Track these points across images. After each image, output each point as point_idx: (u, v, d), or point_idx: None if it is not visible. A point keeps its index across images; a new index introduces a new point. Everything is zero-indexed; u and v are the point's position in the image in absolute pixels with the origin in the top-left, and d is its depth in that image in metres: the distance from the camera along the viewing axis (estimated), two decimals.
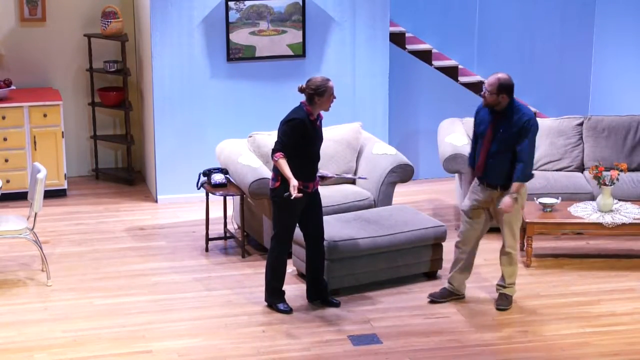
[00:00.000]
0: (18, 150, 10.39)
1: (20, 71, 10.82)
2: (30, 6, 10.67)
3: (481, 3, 11.60)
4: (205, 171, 9.27)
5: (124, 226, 9.87)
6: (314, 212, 7.99)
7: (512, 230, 8.01)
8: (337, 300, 8.20)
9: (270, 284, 8.08)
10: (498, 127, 7.81)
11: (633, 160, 10.05)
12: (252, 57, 10.34)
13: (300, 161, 7.80)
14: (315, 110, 7.79)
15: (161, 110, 10.30)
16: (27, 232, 8.48)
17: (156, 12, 10.07)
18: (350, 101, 10.68)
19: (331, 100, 7.79)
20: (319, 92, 7.72)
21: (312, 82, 7.76)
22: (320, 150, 7.95)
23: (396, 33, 11.05)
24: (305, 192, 7.83)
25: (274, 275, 8.04)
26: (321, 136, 7.93)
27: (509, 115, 7.78)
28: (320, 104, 7.76)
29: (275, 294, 8.10)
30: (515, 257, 8.09)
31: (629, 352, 7.47)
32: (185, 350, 7.44)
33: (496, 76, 7.76)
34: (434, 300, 8.25)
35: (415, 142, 11.24)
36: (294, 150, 7.76)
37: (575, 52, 11.87)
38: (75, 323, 7.85)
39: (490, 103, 7.79)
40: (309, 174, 7.88)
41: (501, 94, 7.73)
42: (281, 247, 7.98)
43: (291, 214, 7.89)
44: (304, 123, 7.74)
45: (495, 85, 7.72)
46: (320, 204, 8.06)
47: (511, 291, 8.20)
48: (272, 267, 8.02)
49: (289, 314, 8.02)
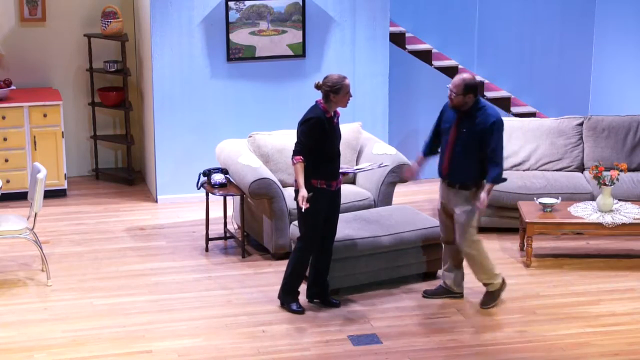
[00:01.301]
0: (18, 150, 10.39)
1: (20, 71, 10.83)
2: (30, 6, 10.67)
3: (481, 3, 11.60)
4: (205, 171, 9.27)
5: (124, 226, 9.87)
6: (332, 212, 7.96)
7: (465, 230, 7.94)
8: (337, 300, 8.20)
9: (288, 284, 8.05)
10: (461, 127, 7.82)
11: (633, 160, 10.05)
12: (252, 57, 10.34)
13: (321, 160, 7.77)
14: (331, 107, 7.78)
15: (161, 110, 10.30)
16: (27, 232, 8.47)
17: (156, 12, 10.07)
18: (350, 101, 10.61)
19: (347, 98, 7.79)
20: (335, 89, 7.71)
21: (328, 79, 7.75)
22: (338, 149, 7.89)
23: (396, 33, 11.06)
24: (328, 192, 7.83)
25: (294, 276, 8.01)
26: (339, 133, 7.90)
27: (473, 115, 7.79)
28: (336, 101, 7.76)
29: (291, 294, 8.07)
30: (476, 257, 8.00)
31: (629, 352, 7.47)
32: (185, 350, 7.44)
33: (461, 77, 7.78)
34: (426, 295, 8.31)
35: (415, 142, 11.23)
36: (314, 149, 7.74)
37: (575, 52, 11.88)
38: (75, 323, 7.85)
39: (457, 104, 7.80)
40: (332, 172, 7.84)
41: (467, 95, 7.75)
42: (306, 248, 7.93)
43: (315, 214, 7.84)
44: (322, 121, 7.72)
45: (461, 87, 7.73)
46: (339, 205, 8.03)
47: (492, 287, 8.15)
48: (293, 267, 7.98)
49: (301, 314, 8.00)
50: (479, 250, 8.05)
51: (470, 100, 7.79)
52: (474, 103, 7.81)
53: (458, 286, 8.30)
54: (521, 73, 11.82)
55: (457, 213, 7.95)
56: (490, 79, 11.70)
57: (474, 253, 8.03)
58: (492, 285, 8.16)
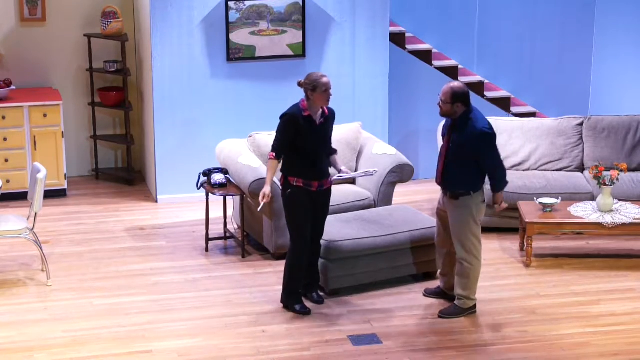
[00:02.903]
0: (18, 150, 10.39)
1: (20, 71, 10.83)
2: (30, 6, 10.67)
3: (481, 3, 11.60)
4: (205, 171, 9.27)
5: (124, 226, 9.87)
6: (318, 211, 7.97)
7: (461, 241, 7.86)
8: (320, 297, 8.19)
9: (288, 285, 8.05)
10: (453, 136, 7.79)
11: (633, 160, 10.05)
12: (252, 57, 10.34)
13: (297, 157, 7.79)
14: (311, 106, 7.78)
15: (161, 110, 10.30)
16: (27, 232, 8.47)
17: (156, 12, 10.07)
18: (350, 101, 10.68)
19: (326, 96, 7.75)
20: (312, 86, 7.72)
21: (308, 77, 7.78)
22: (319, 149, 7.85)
23: (396, 33, 11.06)
24: (308, 191, 7.83)
25: (291, 276, 8.01)
26: (325, 134, 7.87)
27: (463, 125, 7.74)
28: (315, 99, 7.75)
29: (293, 295, 8.07)
30: (467, 270, 7.88)
31: (629, 352, 7.47)
32: (185, 350, 7.44)
33: (449, 85, 7.75)
34: (427, 294, 8.32)
35: (415, 142, 11.24)
36: (290, 146, 7.76)
37: (575, 52, 11.87)
38: (75, 323, 7.85)
39: (446, 113, 7.76)
40: (311, 172, 7.83)
41: (455, 103, 7.70)
42: (296, 248, 7.94)
43: (299, 213, 7.85)
44: (296, 118, 7.73)
45: (449, 95, 7.70)
46: (326, 204, 8.02)
47: (463, 304, 7.99)
48: (289, 268, 8.00)
49: (307, 315, 8.00)
50: (473, 264, 7.91)
51: (459, 109, 7.73)
52: (464, 113, 7.76)
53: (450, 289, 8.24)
54: (521, 73, 11.81)
55: (451, 222, 7.92)
56: (490, 79, 11.70)
57: (466, 265, 7.90)
58: (465, 302, 8.01)
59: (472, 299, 8.02)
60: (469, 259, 7.88)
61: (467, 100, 7.72)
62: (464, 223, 7.83)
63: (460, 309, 8.00)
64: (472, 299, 8.02)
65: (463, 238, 7.85)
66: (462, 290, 7.97)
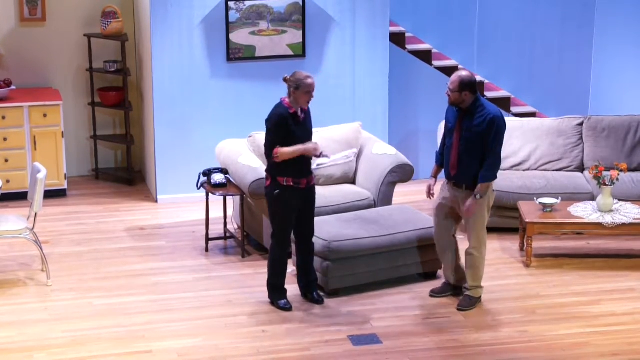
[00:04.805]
0: (18, 150, 10.39)
1: (20, 71, 10.83)
2: (30, 6, 10.67)
3: (481, 3, 11.59)
4: (205, 171, 9.27)
5: (124, 226, 9.87)
6: (306, 209, 8.01)
7: (476, 231, 7.99)
8: (321, 297, 8.20)
9: (270, 281, 8.12)
10: (463, 126, 7.84)
11: (633, 160, 10.05)
12: (252, 57, 10.34)
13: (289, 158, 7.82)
14: (293, 103, 7.81)
15: (161, 110, 10.30)
16: (27, 232, 8.47)
17: (156, 12, 10.07)
18: (350, 101, 10.68)
19: (307, 97, 7.79)
20: (296, 85, 7.76)
21: (294, 74, 7.81)
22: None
23: (396, 33, 11.05)
24: (297, 190, 7.85)
25: (273, 272, 8.08)
26: (307, 130, 7.92)
27: (473, 114, 7.81)
28: (296, 98, 7.79)
29: (276, 291, 8.12)
30: (477, 260, 8.06)
31: (629, 352, 7.46)
32: (185, 350, 7.44)
33: (458, 74, 7.82)
34: (433, 295, 8.33)
35: (415, 142, 11.24)
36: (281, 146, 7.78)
37: (575, 52, 11.87)
38: (75, 323, 7.85)
39: (454, 101, 7.83)
40: (300, 169, 7.88)
41: (464, 92, 7.76)
42: (278, 245, 8.01)
43: (285, 211, 7.91)
44: (284, 117, 7.76)
45: (457, 83, 7.76)
46: (313, 202, 8.07)
47: (475, 293, 8.17)
48: (271, 264, 8.07)
49: (288, 310, 8.03)
50: (482, 254, 8.07)
51: (468, 98, 7.79)
52: (473, 101, 7.81)
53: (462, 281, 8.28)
54: (521, 73, 11.81)
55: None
56: (490, 79, 11.70)
57: (477, 255, 8.05)
58: (476, 291, 8.17)
59: (481, 287, 8.19)
60: (480, 249, 8.03)
61: (474, 88, 7.80)
62: (480, 213, 7.92)
63: (475, 299, 8.15)
64: (481, 287, 8.19)
65: (478, 228, 7.98)
66: (472, 280, 8.13)
